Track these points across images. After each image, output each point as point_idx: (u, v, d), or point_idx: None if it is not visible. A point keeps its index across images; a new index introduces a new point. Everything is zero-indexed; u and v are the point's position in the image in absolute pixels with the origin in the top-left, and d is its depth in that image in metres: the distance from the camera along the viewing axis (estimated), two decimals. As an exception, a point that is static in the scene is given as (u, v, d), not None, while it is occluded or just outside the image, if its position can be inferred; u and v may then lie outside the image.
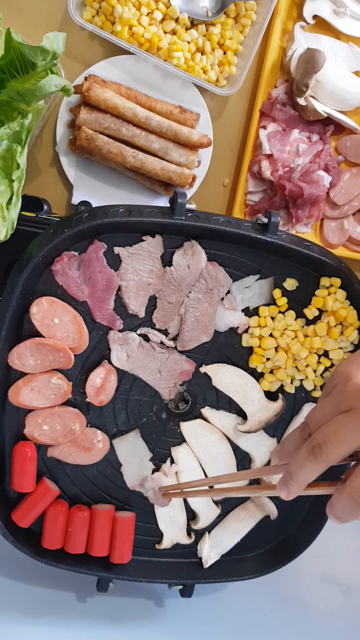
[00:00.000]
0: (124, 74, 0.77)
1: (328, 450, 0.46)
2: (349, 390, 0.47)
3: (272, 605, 0.79)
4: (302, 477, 0.49)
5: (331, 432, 0.47)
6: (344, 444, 0.46)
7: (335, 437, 0.46)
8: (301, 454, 0.48)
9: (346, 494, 0.46)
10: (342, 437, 0.46)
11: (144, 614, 0.75)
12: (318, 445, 0.47)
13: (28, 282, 0.62)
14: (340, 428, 0.46)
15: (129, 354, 0.67)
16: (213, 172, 0.82)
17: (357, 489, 0.46)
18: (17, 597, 0.72)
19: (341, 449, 0.46)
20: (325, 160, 0.82)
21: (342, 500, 0.47)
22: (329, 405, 0.48)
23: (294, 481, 0.49)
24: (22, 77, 0.61)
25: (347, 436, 0.46)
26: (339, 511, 0.47)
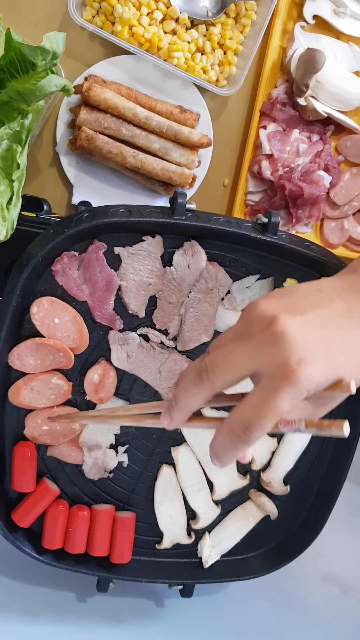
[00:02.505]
0: (124, 74, 0.77)
1: (214, 373, 0.44)
2: (251, 318, 0.44)
3: (272, 605, 0.79)
4: (185, 401, 0.46)
5: (220, 355, 0.44)
6: (230, 368, 0.43)
7: (223, 360, 0.44)
8: (188, 377, 0.45)
9: (225, 426, 0.43)
10: (230, 362, 0.43)
11: (144, 614, 0.75)
12: (205, 368, 0.44)
13: (28, 282, 0.62)
14: (231, 351, 0.44)
15: (129, 354, 0.67)
16: (213, 172, 0.82)
17: (236, 419, 0.43)
18: (17, 597, 0.72)
19: (227, 373, 0.44)
20: (325, 160, 0.82)
21: (221, 434, 0.44)
22: (231, 332, 0.45)
23: (177, 407, 0.46)
24: (22, 77, 0.61)
25: (236, 361, 0.43)
26: (217, 446, 0.44)
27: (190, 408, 0.46)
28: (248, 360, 0.43)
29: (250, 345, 0.43)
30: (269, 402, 0.41)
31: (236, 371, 0.43)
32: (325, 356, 0.42)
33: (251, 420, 0.42)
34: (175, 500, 0.72)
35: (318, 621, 0.79)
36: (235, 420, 0.43)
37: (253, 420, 0.42)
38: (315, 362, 0.41)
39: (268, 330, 0.42)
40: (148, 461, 0.71)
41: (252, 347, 0.43)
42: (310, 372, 0.41)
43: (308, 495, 0.76)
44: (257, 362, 0.43)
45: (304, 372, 0.41)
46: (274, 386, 0.41)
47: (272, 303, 0.44)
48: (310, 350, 0.41)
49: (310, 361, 0.41)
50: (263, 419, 0.42)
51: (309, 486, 0.75)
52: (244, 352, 0.43)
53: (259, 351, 0.43)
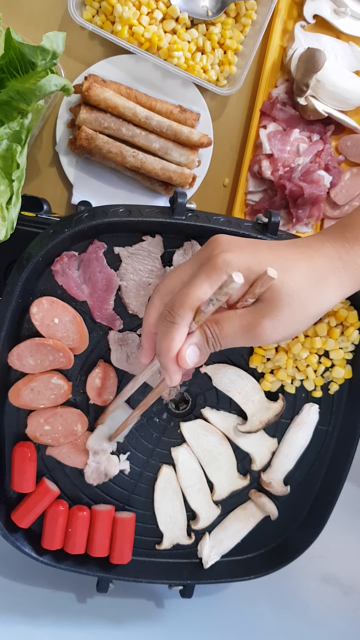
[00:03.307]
0: (124, 73, 0.76)
1: (161, 284, 0.51)
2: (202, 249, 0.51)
3: (272, 606, 0.79)
4: (163, 345, 0.50)
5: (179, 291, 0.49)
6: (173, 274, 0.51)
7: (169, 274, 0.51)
8: (158, 328, 0.50)
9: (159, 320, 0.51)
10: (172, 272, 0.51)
11: (144, 615, 0.75)
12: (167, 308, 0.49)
13: (28, 282, 0.61)
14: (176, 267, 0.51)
15: (128, 354, 0.67)
16: (213, 172, 0.82)
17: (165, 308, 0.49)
18: (17, 598, 0.72)
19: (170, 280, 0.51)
20: (325, 160, 0.82)
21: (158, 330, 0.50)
22: None
23: (160, 354, 0.50)
24: (22, 76, 0.61)
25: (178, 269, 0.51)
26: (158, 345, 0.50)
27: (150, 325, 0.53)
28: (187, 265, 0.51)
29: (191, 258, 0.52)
30: (191, 283, 0.48)
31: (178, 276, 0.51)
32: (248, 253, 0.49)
33: (175, 302, 0.48)
34: (175, 501, 0.72)
35: (318, 621, 0.79)
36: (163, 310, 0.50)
37: (177, 301, 0.48)
38: (236, 253, 0.48)
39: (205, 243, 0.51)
40: (148, 461, 0.71)
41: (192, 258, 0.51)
42: (229, 257, 0.48)
43: (308, 496, 0.75)
44: (192, 264, 0.50)
45: (222, 256, 0.48)
46: (197, 272, 0.48)
47: None
48: (233, 247, 0.49)
49: (231, 251, 0.48)
50: (184, 297, 0.48)
51: (309, 486, 0.75)
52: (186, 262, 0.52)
53: (195, 257, 0.51)
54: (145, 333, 0.53)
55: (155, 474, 0.71)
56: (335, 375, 0.71)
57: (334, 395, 0.73)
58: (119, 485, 0.71)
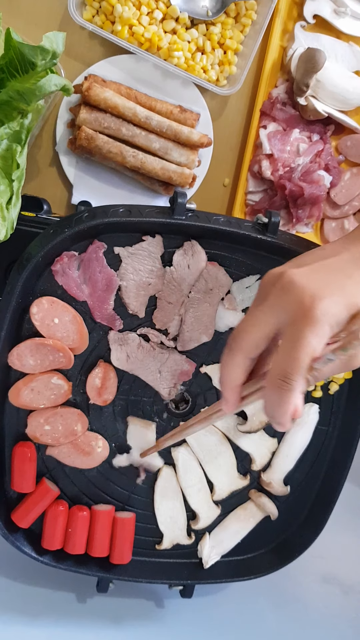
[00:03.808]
0: (124, 73, 0.76)
1: (240, 338, 0.47)
2: (263, 283, 0.48)
3: (272, 606, 0.79)
4: (227, 376, 0.48)
5: (242, 322, 0.48)
6: (253, 327, 0.47)
7: (246, 324, 0.47)
8: (271, 395, 0.46)
9: (268, 384, 0.45)
10: (251, 323, 0.47)
11: (144, 615, 0.75)
12: (232, 338, 0.47)
13: (28, 282, 0.61)
14: (250, 315, 0.47)
15: (128, 354, 0.67)
16: (213, 172, 0.82)
17: (274, 373, 0.45)
18: (17, 597, 0.72)
19: (251, 334, 0.47)
20: (325, 160, 0.82)
21: (267, 393, 0.46)
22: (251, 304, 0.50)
23: (224, 385, 0.49)
24: (22, 76, 0.61)
25: (257, 319, 0.46)
26: (268, 407, 0.46)
27: (235, 381, 0.48)
28: (267, 317, 0.46)
29: (266, 303, 0.46)
30: (297, 344, 0.43)
31: (259, 330, 0.46)
32: (336, 290, 0.45)
33: (287, 367, 0.44)
34: (175, 501, 0.72)
35: (318, 622, 0.79)
36: (273, 374, 0.45)
37: (288, 367, 0.44)
38: (328, 296, 0.44)
39: (278, 284, 0.46)
40: (148, 461, 0.71)
41: (268, 304, 0.46)
42: (325, 306, 0.43)
43: (308, 496, 0.75)
44: (275, 316, 0.46)
45: (319, 307, 0.43)
46: (297, 329, 0.44)
47: (279, 266, 0.48)
48: (320, 288, 0.44)
49: (323, 296, 0.44)
50: (296, 362, 0.43)
51: (309, 487, 0.75)
52: (261, 311, 0.46)
53: (274, 305, 0.46)
54: (229, 388, 0.50)
55: (155, 474, 0.71)
56: (335, 376, 0.71)
57: (334, 395, 0.73)
58: (119, 485, 0.71)
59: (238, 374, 0.48)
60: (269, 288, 0.47)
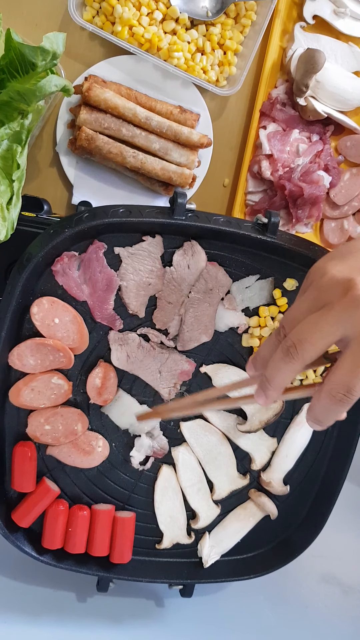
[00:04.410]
0: (124, 74, 0.77)
1: (303, 348, 0.45)
2: (324, 285, 0.46)
3: (272, 605, 0.79)
4: (279, 379, 0.47)
5: (305, 330, 0.45)
6: (319, 339, 0.45)
7: (310, 333, 0.45)
8: (277, 355, 0.47)
9: (325, 392, 0.45)
10: (317, 333, 0.45)
11: (144, 614, 0.75)
12: (293, 345, 0.46)
13: (28, 282, 0.62)
14: (315, 324, 0.45)
15: (128, 354, 0.67)
16: (213, 172, 0.82)
17: (335, 384, 0.44)
18: (17, 597, 0.72)
19: (316, 345, 0.45)
20: (325, 160, 0.82)
21: (322, 400, 0.46)
22: (305, 304, 0.47)
23: (272, 385, 0.48)
24: (22, 77, 0.61)
25: (323, 331, 0.45)
26: (319, 412, 0.46)
27: (284, 384, 0.48)
28: (334, 328, 0.44)
29: (333, 313, 0.44)
30: None
31: (325, 341, 0.45)
32: None
33: (351, 383, 0.44)
34: (175, 500, 0.72)
35: (318, 621, 0.79)
36: (335, 385, 0.44)
37: (353, 382, 0.44)
38: None
39: (348, 295, 0.44)
40: (148, 461, 0.71)
41: (336, 315, 0.44)
42: None
43: (308, 495, 0.76)
44: (344, 328, 0.44)
45: None
46: None
47: (339, 266, 0.46)
48: None
49: None
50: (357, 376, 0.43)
51: (309, 486, 0.75)
52: (329, 322, 0.44)
53: (344, 317, 0.44)
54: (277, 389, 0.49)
55: (155, 474, 0.72)
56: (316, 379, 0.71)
57: (333, 395, 0.73)
58: (119, 485, 0.71)
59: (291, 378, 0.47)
60: (332, 295, 0.45)
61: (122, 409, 0.68)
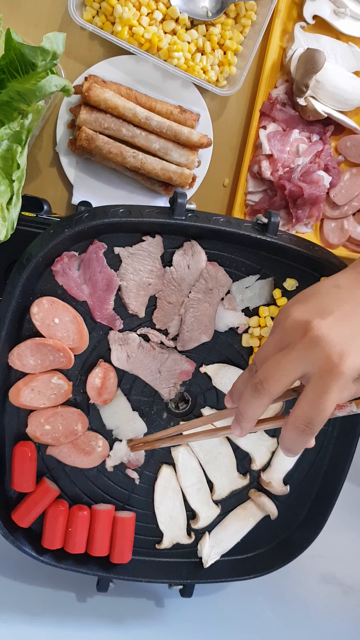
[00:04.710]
0: (124, 74, 0.77)
1: (269, 385, 0.49)
2: (287, 326, 0.50)
3: (272, 605, 0.79)
4: (250, 413, 0.51)
5: (270, 368, 0.49)
6: (282, 377, 0.49)
7: (274, 371, 0.49)
8: (247, 392, 0.51)
9: (290, 424, 0.49)
10: (280, 371, 0.49)
11: (144, 614, 0.75)
12: (260, 382, 0.50)
13: (28, 282, 0.62)
14: (279, 362, 0.49)
15: (128, 354, 0.67)
16: (213, 172, 0.82)
17: (298, 417, 0.48)
18: (17, 597, 0.72)
19: (281, 382, 0.49)
20: (325, 160, 0.82)
21: (288, 431, 0.49)
22: (272, 343, 0.51)
23: (244, 418, 0.52)
24: (22, 77, 0.61)
25: (286, 369, 0.49)
26: (287, 442, 0.50)
27: (255, 416, 0.52)
28: (295, 366, 0.49)
29: (294, 353, 0.49)
30: (323, 397, 0.47)
31: (287, 378, 0.49)
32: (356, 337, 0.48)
33: (311, 415, 0.48)
34: (175, 500, 0.72)
35: (318, 621, 0.79)
36: (297, 418, 0.48)
37: (313, 415, 0.48)
38: (353, 352, 0.48)
39: (306, 336, 0.48)
40: (148, 461, 0.71)
41: (297, 355, 0.48)
42: (351, 361, 0.47)
43: (308, 495, 0.76)
44: (303, 366, 0.48)
45: (345, 363, 0.47)
46: (324, 382, 0.47)
47: (301, 309, 0.50)
48: (346, 344, 0.48)
49: (350, 353, 0.47)
50: (321, 413, 0.48)
51: (309, 486, 0.75)
52: (290, 361, 0.49)
53: (303, 356, 0.48)
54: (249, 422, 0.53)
55: (155, 474, 0.72)
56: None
57: (333, 395, 0.73)
58: (119, 485, 0.71)
59: (261, 411, 0.51)
60: (293, 336, 0.49)
61: (115, 409, 0.68)
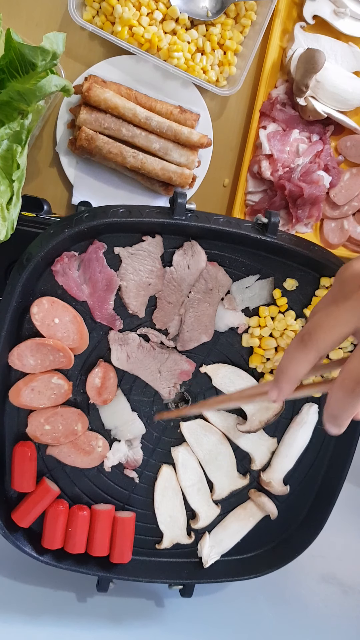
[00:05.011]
0: (124, 74, 0.77)
1: (317, 335, 0.44)
2: (346, 277, 0.45)
3: (272, 605, 0.79)
4: (292, 370, 0.46)
5: (321, 318, 0.45)
6: (333, 327, 0.44)
7: (325, 322, 0.44)
8: (291, 345, 0.46)
9: (338, 384, 0.44)
10: (331, 321, 0.44)
11: (144, 614, 0.75)
12: (308, 332, 0.45)
13: (28, 282, 0.62)
14: (331, 312, 0.44)
15: (128, 354, 0.67)
16: (213, 172, 0.83)
17: (348, 374, 0.43)
18: (17, 597, 0.72)
19: (330, 334, 0.44)
20: (325, 160, 0.82)
21: (335, 393, 0.44)
22: (327, 297, 0.46)
23: (285, 376, 0.46)
24: (22, 77, 0.61)
25: (338, 319, 0.44)
26: (333, 406, 0.44)
27: (298, 375, 0.46)
28: (348, 317, 0.44)
29: (349, 303, 0.44)
30: None
31: (338, 330, 0.44)
32: None
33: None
34: (175, 500, 0.72)
35: (318, 621, 0.79)
36: (348, 376, 0.43)
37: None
38: None
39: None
40: (148, 461, 0.71)
41: (352, 304, 0.44)
42: None
43: (308, 495, 0.76)
44: (357, 318, 0.43)
45: None
46: None
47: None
48: None
49: None
50: None
51: (309, 486, 0.75)
52: (343, 311, 0.44)
53: (358, 307, 0.43)
54: (291, 381, 0.47)
55: (155, 474, 0.72)
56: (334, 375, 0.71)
57: (333, 395, 0.73)
58: (119, 485, 0.71)
59: (304, 370, 0.46)
60: (350, 287, 0.44)
61: (114, 409, 0.68)
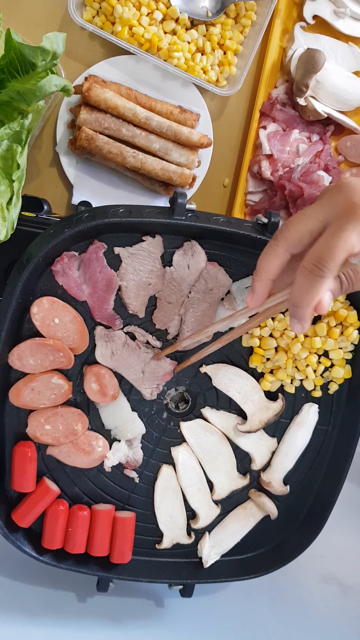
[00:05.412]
0: (124, 74, 0.77)
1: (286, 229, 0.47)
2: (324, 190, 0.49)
3: (272, 605, 0.79)
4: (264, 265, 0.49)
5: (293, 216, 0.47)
6: (301, 220, 0.47)
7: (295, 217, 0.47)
8: (300, 280, 0.46)
9: (300, 270, 0.46)
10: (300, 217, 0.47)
11: (144, 614, 0.75)
12: (279, 229, 0.48)
13: (28, 282, 0.62)
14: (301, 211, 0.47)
15: (113, 351, 0.67)
16: (213, 172, 0.83)
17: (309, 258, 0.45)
18: (17, 597, 0.72)
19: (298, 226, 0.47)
20: (325, 160, 0.82)
21: (297, 279, 0.46)
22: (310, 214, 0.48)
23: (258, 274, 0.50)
24: (22, 77, 0.61)
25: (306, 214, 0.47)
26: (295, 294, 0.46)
27: (269, 272, 0.49)
28: (315, 212, 0.46)
29: (319, 201, 0.47)
30: (337, 234, 0.44)
31: (306, 223, 0.47)
32: None
33: (323, 253, 0.44)
34: (175, 500, 0.72)
35: (318, 621, 0.79)
36: (308, 258, 0.45)
37: (325, 253, 0.44)
38: None
39: (335, 186, 0.47)
40: (148, 461, 0.71)
41: (319, 202, 0.47)
42: None
43: (308, 495, 0.76)
44: (324, 212, 0.46)
45: None
46: (341, 223, 0.45)
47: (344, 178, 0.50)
48: None
49: None
50: (332, 250, 0.44)
51: (309, 486, 0.75)
52: (311, 207, 0.47)
53: (324, 203, 0.46)
54: (262, 279, 0.50)
55: (155, 474, 0.72)
56: (334, 375, 0.71)
57: (333, 395, 0.73)
58: (119, 485, 0.71)
59: (275, 265, 0.48)
60: (325, 191, 0.48)
61: (114, 409, 0.68)
